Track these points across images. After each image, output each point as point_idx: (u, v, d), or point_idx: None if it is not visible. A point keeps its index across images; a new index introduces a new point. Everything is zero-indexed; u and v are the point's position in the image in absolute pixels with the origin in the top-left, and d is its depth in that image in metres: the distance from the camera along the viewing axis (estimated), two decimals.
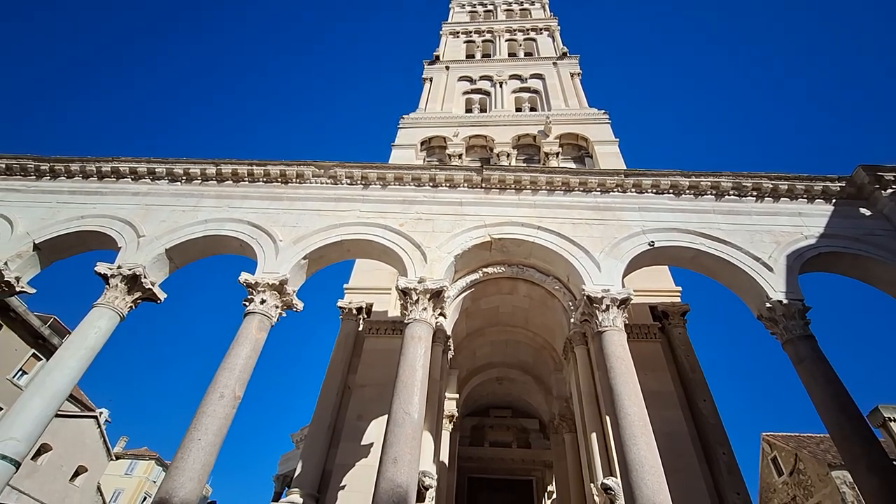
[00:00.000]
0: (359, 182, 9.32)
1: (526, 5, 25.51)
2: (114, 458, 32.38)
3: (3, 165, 9.70)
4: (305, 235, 8.37)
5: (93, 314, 7.23)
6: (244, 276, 7.56)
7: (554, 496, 13.75)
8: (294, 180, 9.39)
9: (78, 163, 9.67)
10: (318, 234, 8.41)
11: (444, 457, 10.22)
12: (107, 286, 7.58)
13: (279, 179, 9.40)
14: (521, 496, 14.72)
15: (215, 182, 9.46)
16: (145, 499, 44.45)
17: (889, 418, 18.56)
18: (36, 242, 8.44)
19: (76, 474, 27.65)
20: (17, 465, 5.84)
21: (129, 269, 7.71)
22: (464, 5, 26.57)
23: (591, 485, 7.41)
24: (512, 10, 25.45)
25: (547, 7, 25.08)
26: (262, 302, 7.29)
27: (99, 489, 30.55)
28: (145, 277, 7.82)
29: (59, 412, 6.87)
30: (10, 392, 21.59)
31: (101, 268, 7.73)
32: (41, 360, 23.28)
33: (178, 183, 9.46)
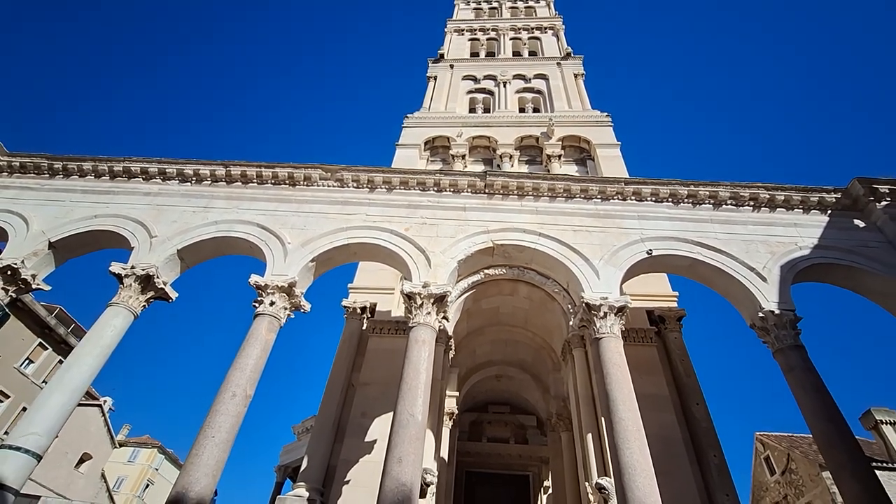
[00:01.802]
0: (365, 186, 9.51)
1: (531, 3, 25.36)
2: (117, 445, 32.92)
3: (18, 164, 9.91)
4: (313, 238, 8.58)
5: (108, 313, 7.46)
6: (254, 279, 7.79)
7: (550, 491, 14.11)
8: (302, 182, 9.58)
9: (90, 162, 9.87)
10: (326, 237, 8.62)
11: (444, 453, 10.52)
12: (121, 286, 7.81)
13: (287, 181, 9.60)
14: (518, 491, 15.09)
15: (225, 183, 9.65)
16: (147, 486, 45.14)
17: (881, 421, 18.93)
18: (51, 241, 8.65)
19: (81, 461, 28.22)
20: (39, 458, 6.12)
21: (143, 270, 7.95)
22: (468, 2, 26.41)
23: (586, 483, 7.69)
24: (517, 8, 25.34)
25: (552, 5, 24.98)
26: (272, 304, 7.53)
27: (103, 476, 31.10)
28: (158, 277, 8.05)
29: None
30: (17, 381, 22.00)
31: (116, 268, 7.96)
32: (47, 349, 23.68)
33: (189, 184, 9.66)
